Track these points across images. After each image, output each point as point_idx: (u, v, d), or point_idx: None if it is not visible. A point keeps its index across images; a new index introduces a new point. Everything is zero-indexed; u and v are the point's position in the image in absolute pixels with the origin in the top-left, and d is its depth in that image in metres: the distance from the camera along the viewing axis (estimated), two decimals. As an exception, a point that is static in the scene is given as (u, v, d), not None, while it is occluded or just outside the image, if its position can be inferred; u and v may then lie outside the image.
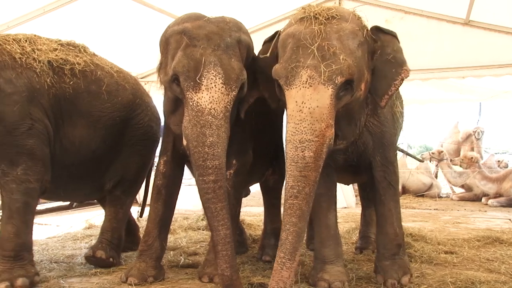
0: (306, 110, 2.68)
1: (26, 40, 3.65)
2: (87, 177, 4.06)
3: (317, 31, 2.78)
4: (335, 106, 2.76)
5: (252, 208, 7.20)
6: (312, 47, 2.73)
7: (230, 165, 3.48)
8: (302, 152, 2.66)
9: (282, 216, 2.74)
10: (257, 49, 3.40)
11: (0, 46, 3.47)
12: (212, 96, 2.94)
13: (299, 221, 2.66)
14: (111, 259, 4.06)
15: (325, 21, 2.84)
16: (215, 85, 2.95)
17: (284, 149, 2.79)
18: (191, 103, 2.96)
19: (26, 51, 3.55)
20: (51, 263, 4.23)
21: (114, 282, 3.61)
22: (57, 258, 4.44)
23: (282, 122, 4.35)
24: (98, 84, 3.89)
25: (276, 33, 3.18)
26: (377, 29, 3.06)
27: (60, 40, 3.95)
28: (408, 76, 3.05)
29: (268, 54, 3.12)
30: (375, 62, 3.03)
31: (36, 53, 3.59)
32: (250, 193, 5.13)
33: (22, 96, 3.41)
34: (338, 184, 3.81)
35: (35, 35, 3.82)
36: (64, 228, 6.25)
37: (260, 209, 6.34)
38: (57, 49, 3.78)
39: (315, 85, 2.68)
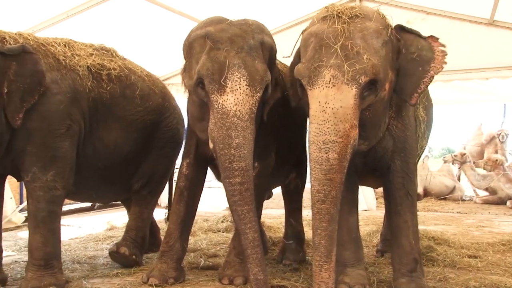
0: (329, 111, 2.65)
1: (65, 45, 3.72)
2: (118, 179, 4.12)
3: (340, 30, 2.75)
4: (359, 106, 2.72)
5: (272, 210, 7.19)
6: (335, 46, 2.70)
7: (252, 167, 3.47)
8: (326, 153, 2.63)
9: (312, 220, 2.72)
10: (279, 50, 3.39)
11: (45, 47, 3.51)
12: (237, 98, 2.95)
13: (329, 225, 2.66)
14: (133, 256, 4.10)
15: (348, 20, 2.80)
16: (239, 87, 2.95)
17: (307, 150, 2.76)
18: (216, 106, 2.97)
19: (67, 55, 3.62)
20: (73, 263, 4.29)
21: (135, 283, 3.64)
22: (80, 259, 4.50)
23: (305, 124, 4.33)
24: (132, 89, 3.97)
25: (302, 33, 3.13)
26: (400, 28, 3.01)
27: (92, 44, 4.02)
28: (438, 72, 2.99)
29: (289, 55, 3.12)
30: (399, 62, 2.98)
31: (76, 58, 3.66)
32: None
33: (66, 96, 3.46)
34: (359, 186, 3.76)
35: (70, 40, 3.89)
36: (86, 229, 6.33)
37: (280, 212, 6.34)
38: (93, 54, 3.85)
39: (339, 85, 2.65)
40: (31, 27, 5.50)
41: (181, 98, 5.06)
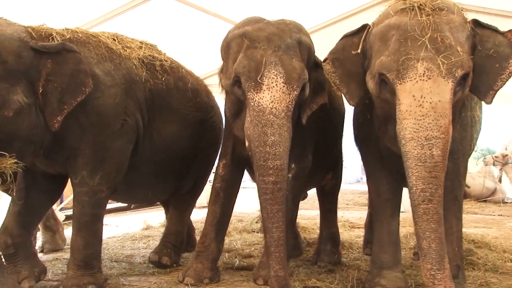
0: (427, 105, 2.53)
1: (113, 38, 3.65)
2: (172, 177, 4.08)
3: (426, 22, 2.63)
4: (453, 102, 2.59)
5: (307, 211, 7.15)
6: (423, 39, 2.58)
7: (289, 169, 3.42)
8: (429, 150, 2.51)
9: (415, 224, 2.58)
10: (317, 50, 3.37)
11: (96, 38, 3.44)
12: (274, 96, 2.92)
13: (439, 226, 2.53)
14: (174, 265, 4.14)
15: (431, 12, 2.69)
16: (276, 84, 2.93)
17: (401, 147, 2.64)
18: (252, 103, 2.95)
19: (118, 47, 3.55)
20: (111, 261, 4.37)
21: (171, 281, 3.68)
22: (117, 257, 4.58)
23: (343, 126, 4.30)
24: (184, 81, 3.94)
25: (363, 27, 3.05)
26: (476, 23, 2.84)
27: (136, 39, 3.95)
28: None
29: (359, 50, 2.98)
30: (474, 58, 2.80)
31: (127, 51, 3.60)
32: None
33: (121, 88, 3.37)
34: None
35: (117, 33, 3.82)
36: (123, 228, 6.45)
37: (314, 213, 6.30)
38: (141, 47, 3.81)
39: (434, 78, 2.53)
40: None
41: (217, 99, 5.09)
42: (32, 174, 3.43)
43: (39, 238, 5.06)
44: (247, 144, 3.02)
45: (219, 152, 4.12)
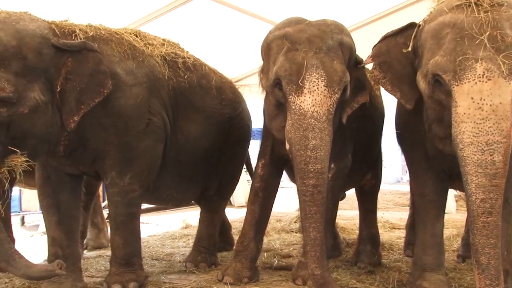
0: (487, 108, 2.40)
1: (136, 35, 3.59)
2: (197, 177, 4.04)
3: (484, 19, 2.50)
4: None
5: (345, 211, 7.08)
6: (482, 37, 2.46)
7: (328, 168, 3.43)
8: (490, 156, 2.38)
9: (473, 234, 2.46)
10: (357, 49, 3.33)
11: (119, 35, 3.38)
12: (315, 99, 2.89)
13: (498, 241, 2.42)
14: (213, 266, 4.16)
15: (490, 8, 2.56)
16: (317, 88, 2.90)
17: (458, 152, 2.55)
18: (293, 107, 2.93)
19: (140, 45, 3.50)
20: (152, 260, 4.46)
21: (211, 280, 3.72)
22: (158, 255, 4.66)
23: (382, 125, 4.24)
24: (207, 79, 3.90)
25: (409, 25, 2.99)
26: None
27: (159, 37, 3.90)
28: None
29: (410, 48, 2.91)
30: None
31: (149, 48, 3.55)
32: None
33: (143, 87, 3.32)
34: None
35: (139, 30, 3.82)
36: (163, 227, 6.55)
37: (353, 213, 6.23)
38: (164, 44, 3.76)
39: (495, 79, 2.41)
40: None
41: (254, 99, 5.11)
42: (55, 177, 3.38)
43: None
44: (288, 147, 3.01)
45: (248, 151, 4.10)
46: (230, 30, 6.79)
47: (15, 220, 6.30)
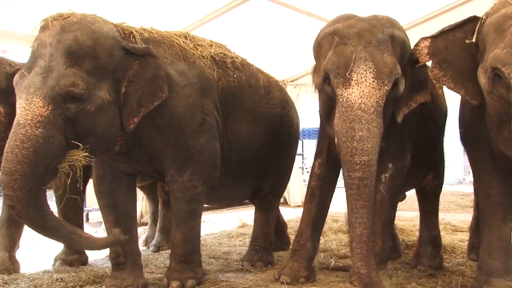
0: None
1: (185, 37, 3.67)
2: (248, 176, 4.09)
3: None
4: None
5: (404, 212, 6.90)
6: None
7: (386, 168, 3.36)
8: None
9: None
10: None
11: (169, 38, 3.46)
12: (363, 91, 2.86)
13: None
14: (270, 265, 4.18)
15: None
16: (365, 80, 2.86)
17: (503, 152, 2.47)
18: (341, 100, 2.91)
19: (190, 46, 3.55)
20: (209, 258, 4.52)
21: (267, 279, 3.73)
22: (215, 254, 4.73)
23: (445, 124, 4.10)
24: (255, 78, 3.93)
25: (470, 19, 2.90)
26: None
27: (206, 39, 3.96)
28: None
29: (474, 39, 2.83)
30: None
31: (199, 49, 3.62)
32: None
33: (195, 88, 3.37)
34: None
35: (187, 32, 3.88)
36: (220, 226, 6.64)
37: (413, 214, 6.06)
38: (212, 45, 3.82)
39: None
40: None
41: (310, 98, 5.09)
42: (111, 176, 3.45)
43: (144, 233, 5.37)
44: (336, 140, 2.99)
45: (298, 148, 4.07)
46: (286, 29, 6.78)
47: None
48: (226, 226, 6.57)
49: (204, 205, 3.83)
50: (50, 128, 2.71)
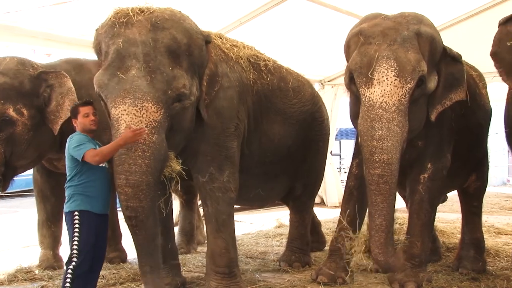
0: None
1: (220, 37, 3.60)
2: (282, 175, 4.05)
3: None
4: None
5: (445, 214, 6.74)
6: None
7: (425, 168, 3.34)
8: None
9: None
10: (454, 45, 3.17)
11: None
12: (384, 90, 2.87)
13: None
14: (307, 266, 4.16)
15: None
16: (387, 78, 2.87)
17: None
18: (363, 99, 2.94)
19: (227, 46, 3.51)
20: (246, 257, 4.54)
21: (305, 280, 3.73)
22: (252, 253, 4.75)
23: (488, 125, 4.00)
24: (285, 81, 3.92)
25: None
26: None
27: (236, 40, 3.87)
28: None
29: None
30: None
31: (235, 49, 3.56)
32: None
33: (236, 91, 3.31)
34: None
35: (221, 34, 3.84)
36: (257, 226, 6.65)
37: (454, 216, 5.92)
38: (244, 46, 3.77)
39: None
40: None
41: (347, 98, 5.03)
42: None
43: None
44: (359, 140, 3.02)
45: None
46: (323, 29, 6.73)
47: (121, 215, 6.74)
48: (263, 226, 6.58)
49: (238, 206, 3.78)
50: (162, 132, 2.70)
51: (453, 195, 4.46)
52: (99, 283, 3.56)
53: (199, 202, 5.98)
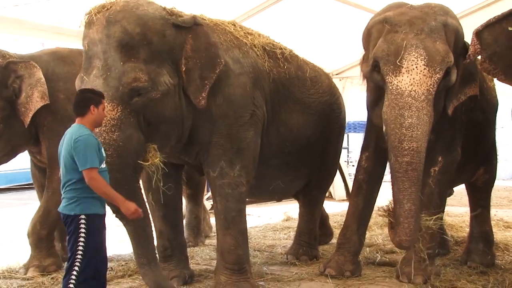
0: None
1: (233, 24, 3.54)
2: (302, 167, 3.99)
3: None
4: None
5: (453, 207, 6.71)
6: None
7: (436, 162, 3.31)
8: None
9: None
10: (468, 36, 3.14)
11: (222, 25, 3.33)
12: (413, 78, 2.83)
13: None
14: (315, 259, 4.16)
15: None
16: (416, 67, 2.83)
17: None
18: (390, 87, 2.90)
19: (241, 34, 3.46)
20: (254, 251, 4.54)
21: (312, 273, 3.73)
22: (259, 246, 4.75)
23: (495, 117, 3.97)
24: (303, 70, 3.88)
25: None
26: None
27: (251, 29, 3.83)
28: None
29: None
30: None
31: (249, 37, 3.48)
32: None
33: (250, 77, 3.23)
34: None
35: (235, 21, 3.75)
36: (264, 219, 6.65)
37: (462, 209, 5.89)
38: (260, 35, 3.73)
39: None
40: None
41: (356, 91, 5.02)
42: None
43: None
44: (384, 128, 2.97)
45: (343, 141, 4.00)
46: (332, 21, 6.69)
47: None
48: (270, 219, 6.59)
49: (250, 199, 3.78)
50: (127, 128, 2.70)
51: (461, 189, 4.43)
52: (108, 275, 3.58)
53: (207, 195, 6.03)
